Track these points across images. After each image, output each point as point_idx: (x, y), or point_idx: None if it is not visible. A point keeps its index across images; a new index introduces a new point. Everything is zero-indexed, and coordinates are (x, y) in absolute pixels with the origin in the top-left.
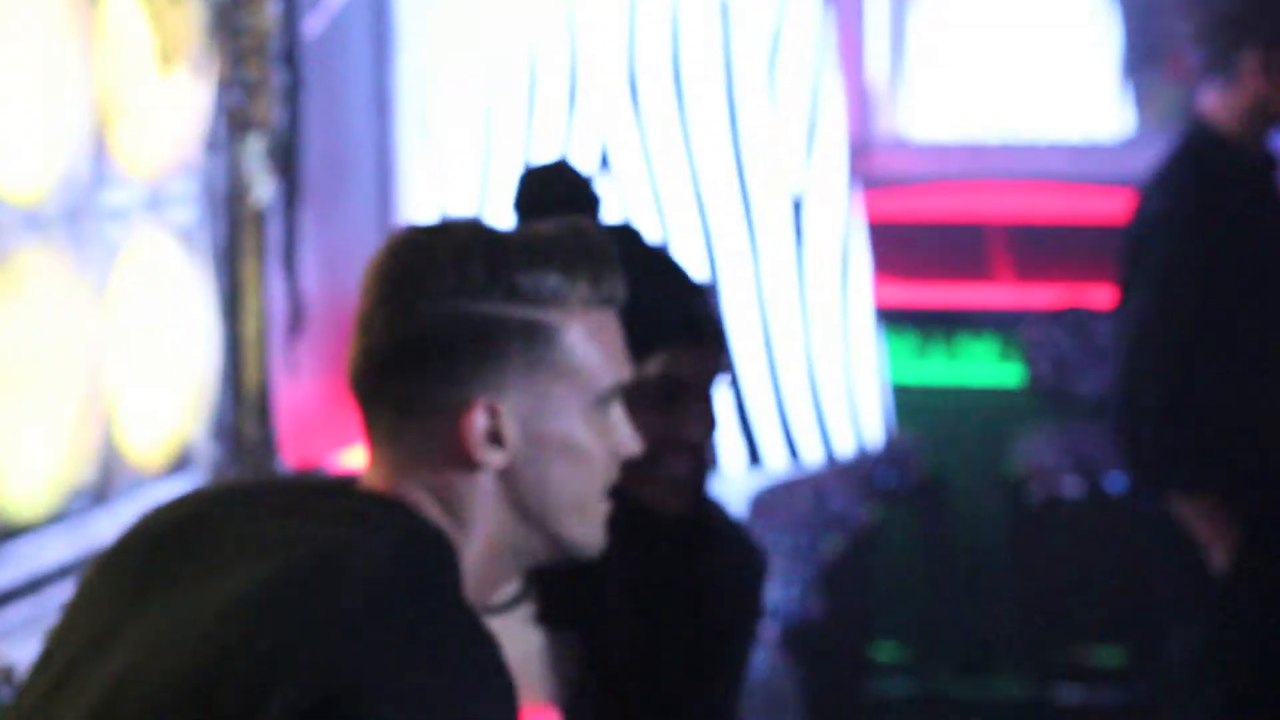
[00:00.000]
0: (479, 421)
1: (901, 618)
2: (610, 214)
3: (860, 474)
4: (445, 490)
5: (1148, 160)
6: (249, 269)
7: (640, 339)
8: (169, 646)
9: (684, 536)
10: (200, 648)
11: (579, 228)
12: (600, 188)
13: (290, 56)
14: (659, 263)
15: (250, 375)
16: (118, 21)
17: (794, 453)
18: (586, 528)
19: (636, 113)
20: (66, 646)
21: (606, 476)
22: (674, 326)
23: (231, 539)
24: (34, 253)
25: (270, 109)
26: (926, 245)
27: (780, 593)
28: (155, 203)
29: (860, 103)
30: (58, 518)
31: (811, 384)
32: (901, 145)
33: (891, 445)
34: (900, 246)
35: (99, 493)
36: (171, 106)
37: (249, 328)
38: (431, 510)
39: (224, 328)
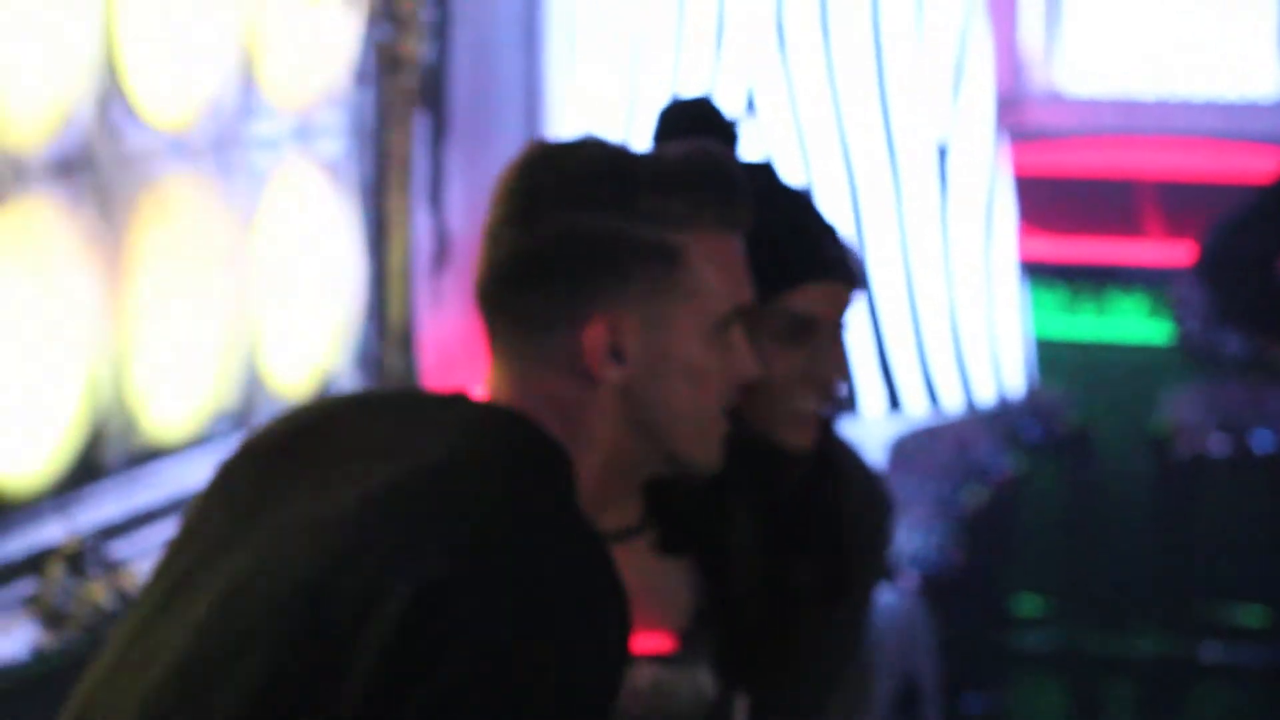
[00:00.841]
0: (601, 336)
1: (1043, 571)
2: (753, 155)
3: (1005, 426)
4: (564, 404)
5: None
6: (395, 203)
7: (774, 274)
8: (284, 552)
9: (810, 472)
10: (316, 552)
11: (708, 152)
12: (743, 127)
13: None
14: (796, 200)
15: (395, 307)
16: None
17: (934, 399)
18: (703, 446)
19: (783, 55)
20: (184, 553)
21: (724, 398)
22: (808, 263)
23: (348, 447)
24: (181, 179)
25: (419, 44)
26: (1078, 200)
27: (920, 541)
28: (303, 134)
29: (1013, 55)
30: (200, 441)
31: (953, 331)
32: (1055, 99)
33: (1038, 398)
34: (1052, 200)
35: (241, 418)
36: (320, 39)
37: (394, 260)
38: (550, 423)
39: (370, 260)
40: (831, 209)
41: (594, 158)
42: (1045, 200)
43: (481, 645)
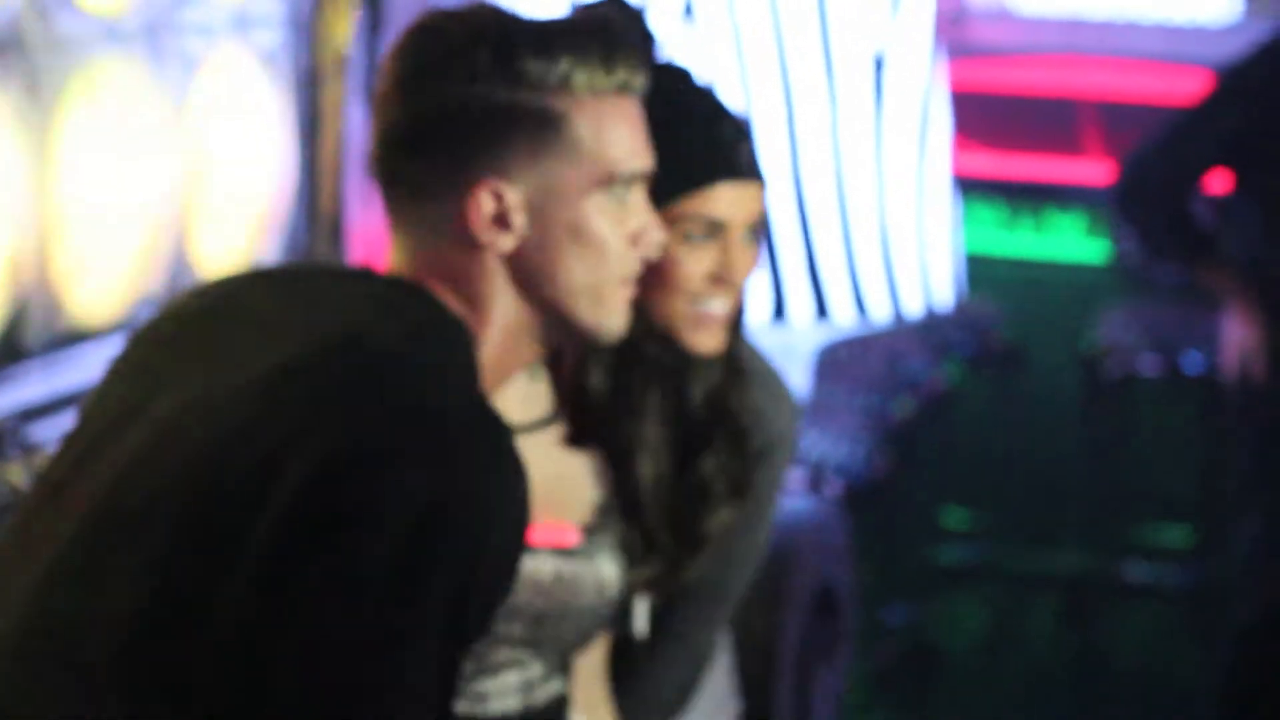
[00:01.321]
0: (484, 204)
1: (971, 485)
2: (690, 61)
3: (938, 339)
4: (458, 274)
5: (1247, 45)
6: (330, 94)
7: (684, 175)
8: (182, 429)
9: (717, 373)
10: (213, 427)
11: (596, 15)
12: (653, 24)
13: None
14: (707, 102)
15: (325, 200)
16: None
17: (862, 309)
18: (602, 313)
19: None
20: (93, 421)
21: (623, 264)
22: (718, 164)
23: (254, 322)
24: (111, 62)
25: None
26: (1019, 117)
27: (846, 450)
28: (239, 23)
29: None
30: (125, 325)
31: (883, 242)
32: (1000, 15)
33: (972, 313)
34: (993, 116)
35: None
36: None
37: (327, 152)
38: (446, 294)
39: (302, 150)
40: (733, 104)
41: (477, 25)
42: (987, 116)
43: (382, 516)
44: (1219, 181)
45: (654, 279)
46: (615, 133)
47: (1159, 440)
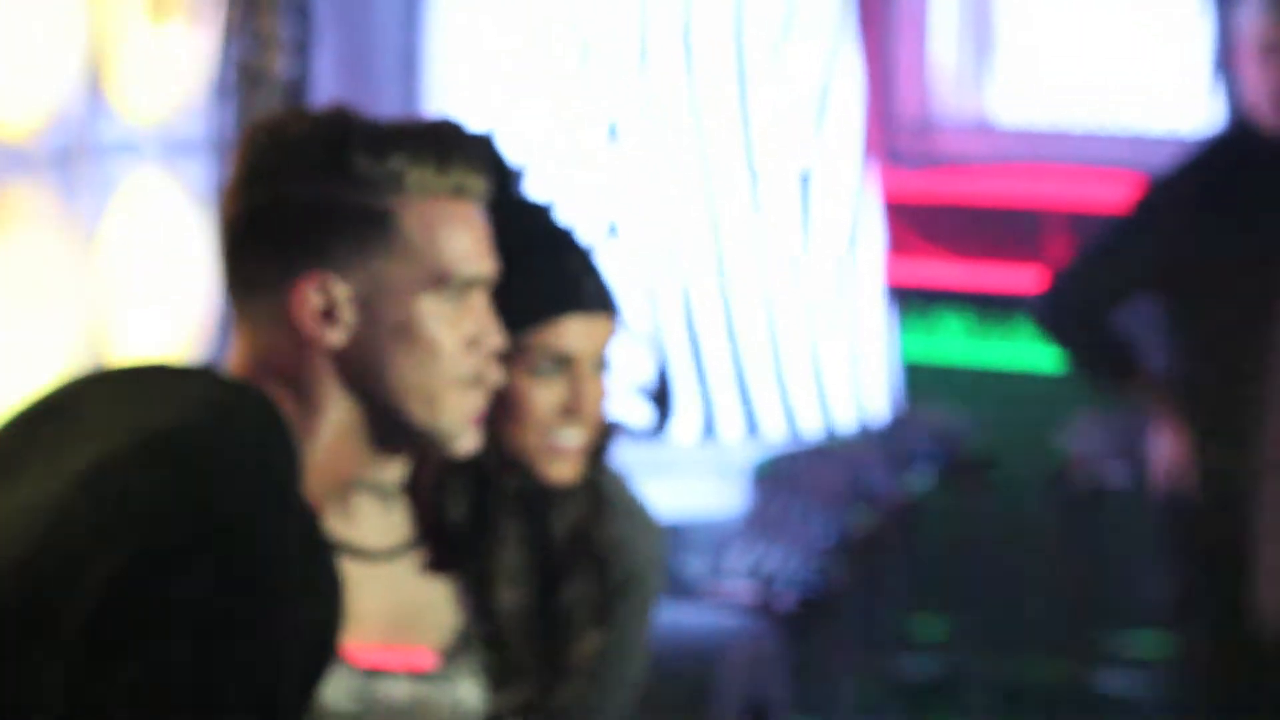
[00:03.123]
0: (311, 298)
1: (940, 595)
2: (612, 183)
3: (902, 451)
4: (289, 370)
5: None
6: None
7: (531, 308)
8: (9, 526)
9: (578, 502)
10: (24, 533)
11: (436, 121)
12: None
13: (303, 8)
14: (556, 234)
15: None
16: None
17: (792, 424)
18: (436, 414)
19: (646, 83)
20: None
21: (457, 366)
22: (565, 297)
23: (80, 421)
24: (22, 190)
25: (279, 60)
26: (987, 226)
27: (798, 563)
28: (159, 148)
29: (926, 82)
30: None
31: (813, 356)
32: (974, 126)
33: (940, 423)
34: (960, 226)
35: None
36: (171, 52)
37: None
38: (279, 392)
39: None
40: (578, 227)
41: (313, 124)
42: (954, 226)
43: (179, 626)
44: (1142, 299)
45: (505, 411)
46: (448, 234)
47: (1129, 547)
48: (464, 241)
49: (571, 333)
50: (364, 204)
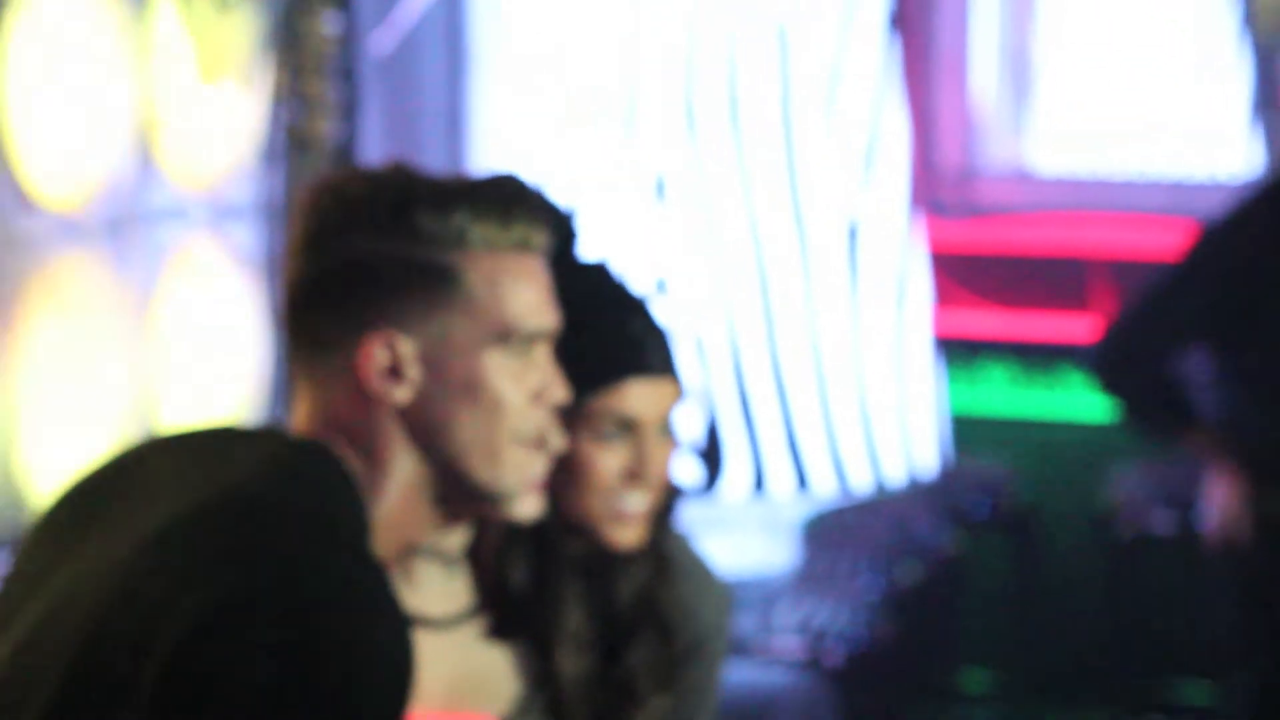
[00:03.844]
0: (377, 355)
1: (989, 647)
2: (660, 240)
3: (949, 503)
4: (355, 429)
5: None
6: None
7: (595, 373)
8: (73, 597)
9: (643, 567)
10: (97, 595)
11: (498, 175)
12: (580, 222)
13: (350, 72)
14: (622, 299)
15: None
16: (164, 31)
17: (842, 479)
18: (500, 474)
19: (693, 139)
20: (7, 598)
21: (523, 421)
22: (628, 361)
23: (149, 487)
24: (73, 260)
25: (327, 124)
26: (1030, 275)
27: (846, 617)
28: (210, 214)
29: (967, 132)
30: None
31: (863, 411)
32: (1014, 174)
33: (984, 475)
34: (1004, 276)
35: None
36: (220, 118)
37: None
38: (345, 450)
39: (276, 341)
40: (636, 289)
41: (377, 182)
42: (998, 276)
43: (250, 681)
44: (1199, 348)
45: (569, 477)
46: (513, 288)
47: (1175, 596)
48: (528, 295)
49: (635, 396)
50: (429, 260)
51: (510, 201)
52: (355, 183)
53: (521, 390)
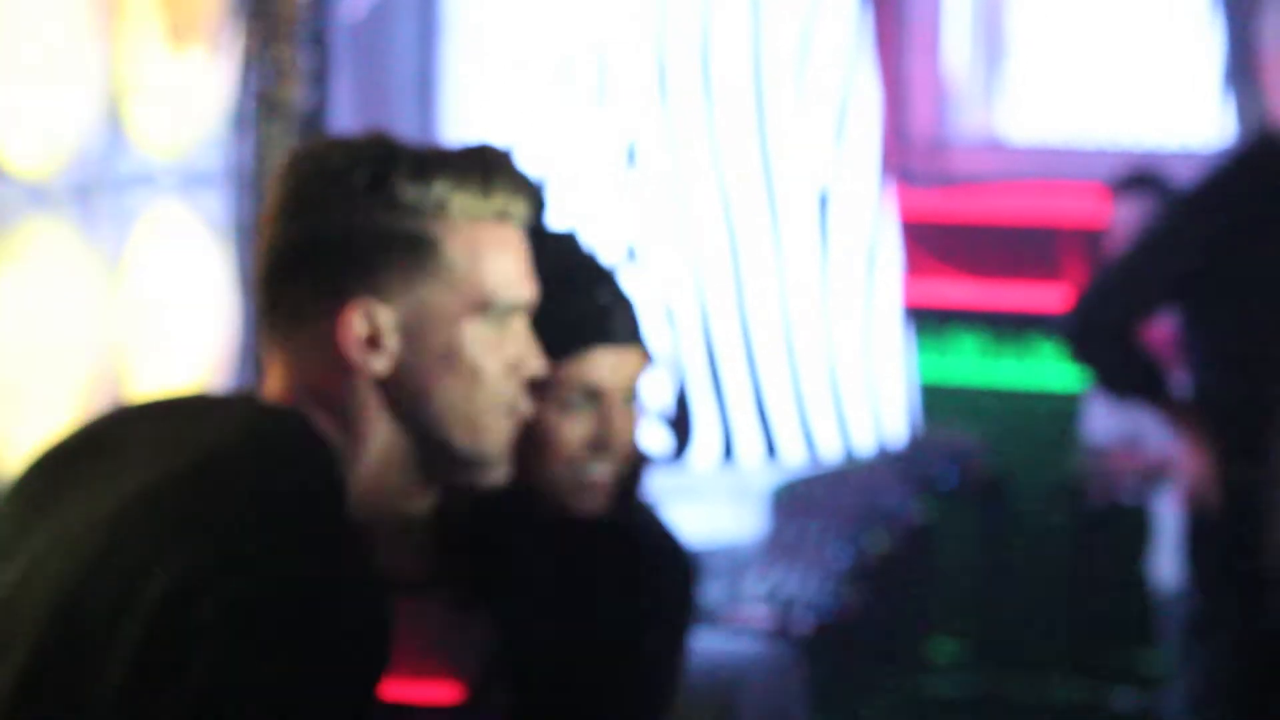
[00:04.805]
0: (356, 324)
1: (958, 616)
2: (630, 208)
3: (917, 472)
4: (333, 398)
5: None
6: None
7: (560, 341)
8: (46, 563)
9: (604, 538)
10: (70, 561)
11: (478, 145)
12: (549, 190)
13: (320, 38)
14: (589, 269)
15: None
16: None
17: (811, 447)
18: (478, 440)
19: (664, 107)
20: None
21: (500, 391)
22: (594, 330)
23: (121, 453)
24: (41, 225)
25: (297, 91)
26: (1002, 245)
27: (815, 586)
28: (178, 180)
29: (939, 100)
30: None
31: (832, 380)
32: (985, 144)
33: (954, 444)
34: (975, 245)
35: None
36: (189, 84)
37: None
38: (322, 419)
39: (243, 308)
40: (604, 257)
41: (356, 151)
42: (969, 245)
43: (229, 644)
44: (1170, 315)
45: (534, 445)
46: (492, 259)
47: (1143, 566)
48: (507, 266)
49: (601, 365)
50: (408, 230)
51: (491, 172)
52: (335, 152)
53: (499, 360)
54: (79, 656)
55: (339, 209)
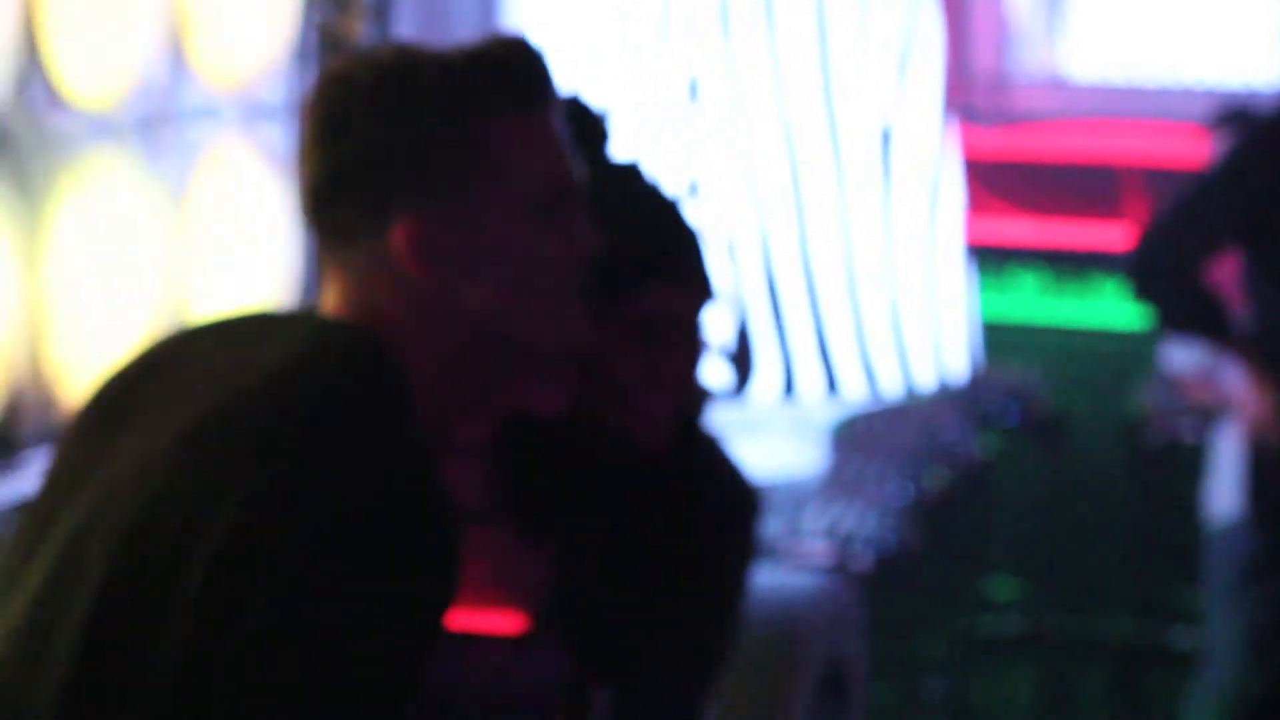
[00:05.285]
0: (408, 236)
1: (1016, 554)
2: (693, 142)
3: (979, 409)
4: (390, 313)
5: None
6: None
7: (623, 273)
8: (116, 491)
9: (664, 472)
10: (140, 489)
11: (502, 38)
12: (612, 124)
13: None
14: (654, 202)
15: None
16: None
17: (873, 384)
18: (547, 329)
19: (727, 42)
20: (46, 497)
21: (565, 277)
22: (657, 263)
23: (188, 375)
24: (103, 157)
25: (360, 24)
26: (1063, 183)
27: (875, 523)
28: (241, 113)
29: (1002, 38)
30: None
31: (894, 316)
32: (1048, 82)
33: (1015, 382)
34: (1037, 183)
35: None
36: (252, 17)
37: None
38: (383, 333)
39: (305, 237)
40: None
41: (384, 66)
42: (1030, 183)
43: (305, 560)
44: (1234, 253)
45: (595, 379)
46: (533, 148)
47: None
48: (552, 153)
49: (663, 299)
50: (445, 134)
51: (522, 64)
52: (360, 70)
53: (557, 244)
54: (150, 588)
55: (375, 125)
